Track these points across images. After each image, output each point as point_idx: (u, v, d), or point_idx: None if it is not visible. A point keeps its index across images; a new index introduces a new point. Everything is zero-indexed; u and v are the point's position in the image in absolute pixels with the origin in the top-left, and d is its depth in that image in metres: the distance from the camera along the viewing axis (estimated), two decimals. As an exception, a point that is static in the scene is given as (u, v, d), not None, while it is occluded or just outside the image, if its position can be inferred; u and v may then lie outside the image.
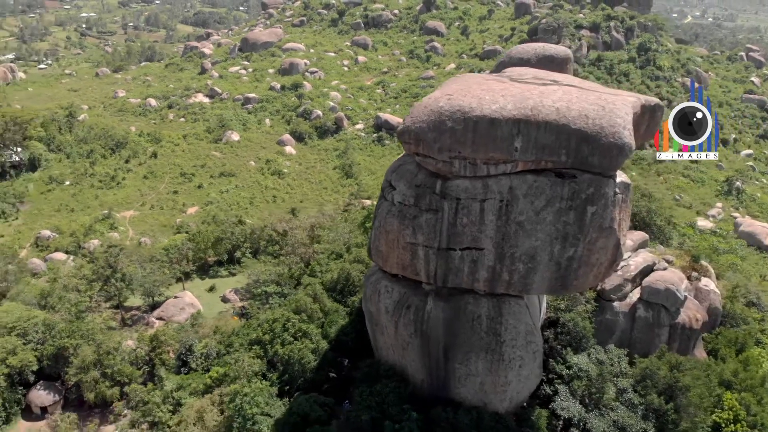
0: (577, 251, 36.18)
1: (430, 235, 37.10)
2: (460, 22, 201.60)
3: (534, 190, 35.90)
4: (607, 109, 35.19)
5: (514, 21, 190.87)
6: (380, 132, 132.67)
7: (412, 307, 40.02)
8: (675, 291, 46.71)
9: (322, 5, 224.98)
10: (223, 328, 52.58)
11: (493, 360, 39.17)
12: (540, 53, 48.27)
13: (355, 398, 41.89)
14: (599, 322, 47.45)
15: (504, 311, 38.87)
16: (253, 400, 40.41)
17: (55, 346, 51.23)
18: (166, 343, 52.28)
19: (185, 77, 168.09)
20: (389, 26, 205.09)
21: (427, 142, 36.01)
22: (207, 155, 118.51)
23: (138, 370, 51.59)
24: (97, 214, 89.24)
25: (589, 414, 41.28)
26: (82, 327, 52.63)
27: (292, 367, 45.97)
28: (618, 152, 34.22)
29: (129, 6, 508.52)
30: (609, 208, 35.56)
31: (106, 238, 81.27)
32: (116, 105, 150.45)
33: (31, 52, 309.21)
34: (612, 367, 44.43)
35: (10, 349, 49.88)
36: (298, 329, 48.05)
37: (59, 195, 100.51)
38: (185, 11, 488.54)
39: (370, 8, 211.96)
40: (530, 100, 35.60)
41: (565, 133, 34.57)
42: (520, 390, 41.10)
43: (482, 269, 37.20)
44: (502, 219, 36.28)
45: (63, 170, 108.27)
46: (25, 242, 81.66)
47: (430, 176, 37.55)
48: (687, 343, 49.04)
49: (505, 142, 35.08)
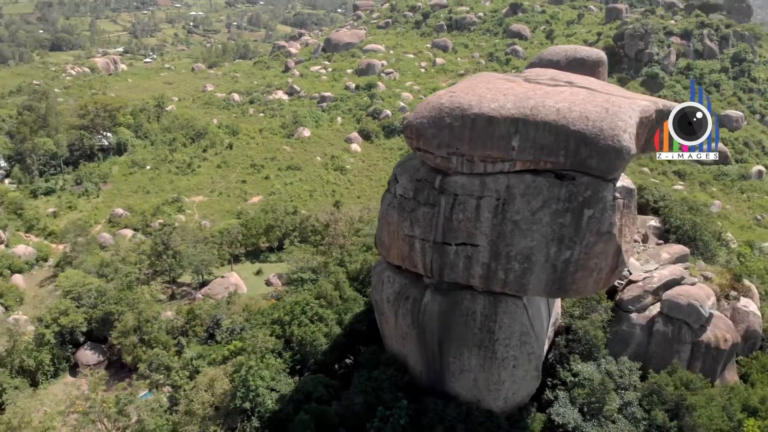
0: (574, 254, 35.71)
1: (427, 228, 37.93)
2: (546, 26, 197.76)
3: (531, 190, 35.88)
4: (610, 111, 34.62)
5: (604, 26, 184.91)
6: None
7: (411, 298, 41.02)
8: (698, 307, 44.59)
9: (408, 7, 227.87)
10: (252, 307, 55.68)
11: (485, 357, 39.39)
12: (570, 55, 47.66)
13: (354, 382, 43.43)
14: (615, 332, 46.16)
15: (499, 310, 38.96)
16: (257, 373, 42.88)
17: (103, 311, 56.37)
18: (200, 317, 56.06)
19: (269, 75, 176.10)
20: (472, 29, 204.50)
21: (427, 137, 36.91)
22: (278, 149, 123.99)
23: (173, 338, 55.68)
24: (167, 197, 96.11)
25: (586, 423, 40.47)
26: (129, 296, 57.43)
27: (305, 348, 48.17)
28: (616, 155, 33.60)
29: (235, 6, 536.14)
30: (607, 212, 34.90)
31: (172, 219, 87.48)
32: (203, 98, 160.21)
33: (140, 47, 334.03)
34: (621, 379, 43.20)
35: (62, 310, 55.50)
36: (315, 313, 50.27)
37: (139, 178, 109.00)
38: (286, 12, 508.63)
39: (455, 11, 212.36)
40: (531, 99, 35.65)
41: (564, 134, 34.35)
42: (515, 391, 40.99)
43: (477, 266, 37.51)
44: (498, 217, 36.47)
45: (146, 155, 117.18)
46: (101, 218, 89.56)
47: (431, 171, 38.41)
48: (713, 364, 46.62)
49: (503, 140, 35.33)
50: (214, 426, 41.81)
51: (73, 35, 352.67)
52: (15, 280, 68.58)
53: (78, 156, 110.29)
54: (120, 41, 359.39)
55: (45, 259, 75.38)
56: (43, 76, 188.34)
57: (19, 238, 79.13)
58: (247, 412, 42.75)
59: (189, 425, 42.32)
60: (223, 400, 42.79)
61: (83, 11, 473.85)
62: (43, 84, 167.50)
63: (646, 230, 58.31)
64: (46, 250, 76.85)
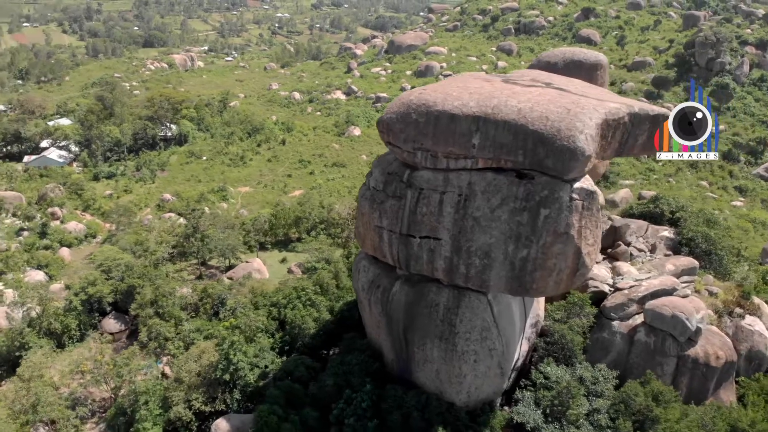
0: (531, 253, 36.05)
1: (394, 220, 39.32)
2: (618, 32, 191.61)
3: (492, 188, 36.57)
4: (571, 112, 34.84)
5: (679, 33, 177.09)
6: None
7: (381, 287, 42.48)
8: (684, 319, 43.29)
9: (478, 11, 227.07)
10: (258, 289, 58.74)
11: (447, 349, 40.22)
12: (568, 58, 47.71)
13: (328, 365, 45.38)
14: (595, 339, 45.61)
15: (462, 304, 39.67)
16: (239, 348, 45.66)
17: (128, 284, 61.12)
18: (211, 296, 59.76)
19: (332, 75, 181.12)
20: (541, 33, 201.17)
21: (395, 132, 38.36)
22: (327, 146, 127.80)
23: (186, 313, 59.62)
24: (214, 186, 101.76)
25: (547, 425, 40.41)
26: (151, 272, 62.01)
27: (293, 330, 50.60)
28: (570, 156, 33.81)
29: (320, 8, 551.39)
30: (563, 212, 35.04)
31: (215, 207, 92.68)
32: (267, 96, 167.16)
33: (224, 46, 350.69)
34: (594, 385, 42.72)
35: (91, 281, 60.73)
36: (309, 299, 52.64)
37: (194, 167, 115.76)
38: (368, 15, 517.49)
39: (524, 14, 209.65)
40: (495, 99, 36.37)
41: (523, 134, 34.88)
42: (479, 386, 41.50)
43: (440, 259, 38.47)
44: (460, 213, 37.33)
45: (204, 147, 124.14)
46: (151, 202, 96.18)
47: (401, 166, 39.79)
48: (704, 382, 45.04)
49: (464, 137, 36.25)
50: (196, 394, 44.93)
51: (165, 33, 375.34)
52: (62, 253, 75.48)
53: (141, 144, 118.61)
54: (207, 40, 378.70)
55: (93, 236, 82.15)
56: (124, 70, 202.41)
57: (74, 216, 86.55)
58: (228, 384, 45.64)
59: (176, 391, 45.70)
60: (208, 371, 45.84)
61: (177, 10, 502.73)
62: (124, 77, 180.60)
63: (656, 240, 56.68)
64: (96, 228, 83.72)
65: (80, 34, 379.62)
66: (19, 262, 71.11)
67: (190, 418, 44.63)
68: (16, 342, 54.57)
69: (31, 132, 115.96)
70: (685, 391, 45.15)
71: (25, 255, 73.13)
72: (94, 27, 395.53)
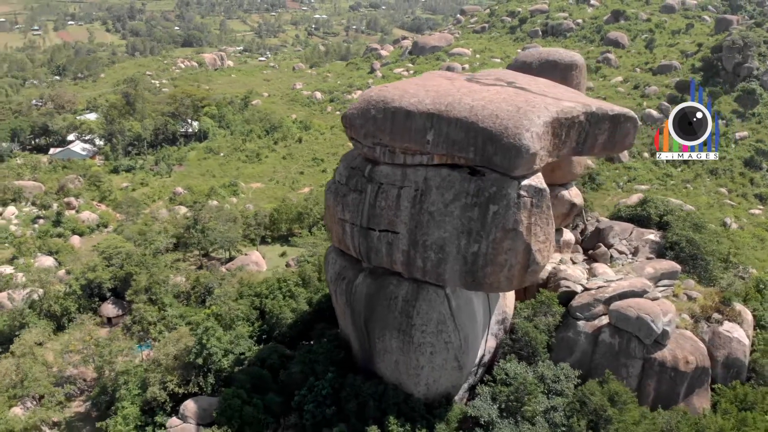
0: (481, 248, 36.74)
1: (355, 213, 40.46)
2: (648, 35, 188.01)
3: (446, 183, 37.45)
4: (521, 110, 35.48)
5: (711, 37, 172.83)
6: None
7: (346, 279, 43.65)
8: (649, 321, 43.15)
9: (507, 13, 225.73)
10: (246, 280, 60.58)
11: (404, 341, 41.07)
12: (543, 58, 48.07)
13: (296, 354, 46.78)
14: (561, 338, 45.77)
15: (420, 297, 40.49)
16: (213, 334, 47.41)
17: (126, 271, 63.73)
18: (202, 285, 61.90)
19: (355, 75, 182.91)
20: (568, 35, 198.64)
21: (356, 127, 39.59)
22: (342, 144, 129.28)
23: (178, 301, 61.87)
24: (225, 181, 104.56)
25: (502, 420, 40.87)
26: (149, 260, 64.52)
27: (272, 320, 52.19)
28: (516, 153, 34.47)
29: (358, 10, 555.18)
30: (511, 209, 35.67)
31: (225, 201, 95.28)
32: (290, 95, 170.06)
33: (260, 46, 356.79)
34: (554, 384, 42.96)
35: (91, 267, 63.56)
36: (288, 290, 54.19)
37: (211, 163, 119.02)
38: (405, 16, 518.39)
39: (552, 16, 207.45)
40: (450, 97, 37.24)
41: (474, 131, 35.70)
42: (436, 379, 42.19)
43: (397, 252, 39.42)
44: (416, 207, 38.24)
45: (223, 143, 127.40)
46: (164, 195, 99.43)
47: (364, 161, 40.94)
48: (673, 386, 44.77)
49: (419, 133, 37.24)
50: (171, 376, 46.88)
51: (204, 33, 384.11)
52: (73, 241, 78.97)
53: (162, 140, 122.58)
54: (244, 40, 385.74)
55: (105, 226, 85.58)
56: (156, 68, 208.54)
57: (89, 206, 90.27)
58: (202, 368, 47.43)
59: (154, 372, 47.77)
60: (183, 355, 47.76)
61: (218, 11, 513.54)
62: (155, 74, 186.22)
63: (640, 243, 56.30)
64: (108, 218, 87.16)
65: (122, 33, 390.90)
66: (31, 248, 74.83)
67: (165, 398, 46.52)
68: (17, 322, 57.67)
69: (59, 125, 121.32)
70: (653, 395, 45.01)
71: (38, 241, 76.89)
72: (136, 26, 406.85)
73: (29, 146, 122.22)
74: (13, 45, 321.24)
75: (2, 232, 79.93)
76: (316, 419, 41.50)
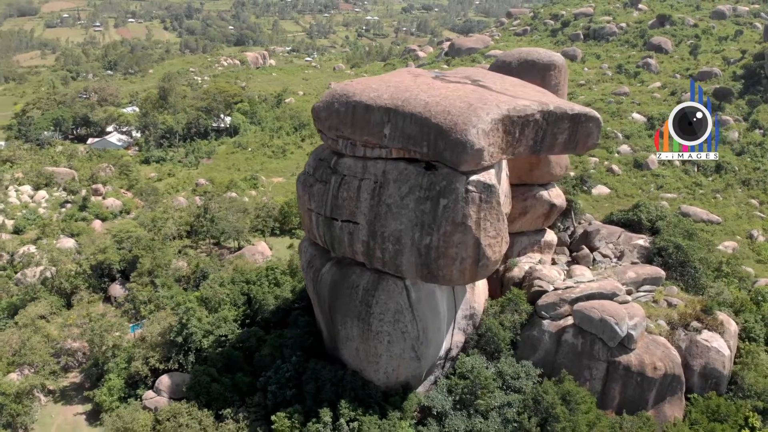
0: (433, 241, 37.76)
1: (320, 203, 42.04)
2: (694, 40, 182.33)
3: (402, 177, 38.66)
4: (472, 107, 36.34)
5: (758, 45, 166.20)
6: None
7: (314, 267, 45.27)
8: (613, 324, 42.97)
9: (550, 16, 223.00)
10: (241, 267, 62.94)
11: (364, 328, 42.31)
12: (522, 58, 48.50)
13: (269, 338, 48.69)
14: (526, 336, 46.07)
15: (380, 287, 41.67)
16: (194, 315, 49.85)
17: (133, 254, 67.19)
18: (201, 270, 64.64)
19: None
20: (610, 39, 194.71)
21: (321, 119, 41.24)
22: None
23: (179, 284, 64.74)
24: (247, 174, 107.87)
25: (455, 412, 41.60)
26: (156, 245, 67.82)
27: (255, 305, 54.31)
28: (462, 149, 35.38)
29: (410, 12, 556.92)
30: (460, 203, 36.56)
31: (244, 194, 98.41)
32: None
33: (308, 46, 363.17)
34: (514, 380, 43.39)
35: (102, 248, 67.28)
36: (274, 278, 56.25)
37: (238, 157, 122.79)
38: (457, 19, 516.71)
39: (595, 20, 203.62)
40: (408, 92, 38.43)
41: (427, 126, 36.80)
42: (395, 368, 43.21)
43: (358, 242, 40.81)
44: (375, 199, 39.56)
45: (251, 139, 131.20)
46: (188, 186, 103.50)
47: (331, 153, 42.50)
48: (640, 392, 44.40)
49: (377, 127, 38.57)
50: (154, 352, 49.60)
51: (256, 33, 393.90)
52: (94, 225, 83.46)
53: (194, 133, 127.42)
54: (294, 41, 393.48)
55: (128, 212, 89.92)
56: (200, 65, 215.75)
57: (116, 193, 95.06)
58: (183, 347, 49.91)
59: (139, 348, 50.66)
60: (166, 333, 50.43)
61: (272, 11, 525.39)
62: (198, 71, 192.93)
63: (626, 248, 55.65)
64: (131, 205, 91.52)
65: (179, 32, 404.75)
66: (55, 230, 79.58)
67: (147, 373, 49.32)
68: (29, 296, 61.81)
69: (98, 117, 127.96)
70: (618, 399, 44.83)
71: (62, 224, 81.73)
72: (192, 25, 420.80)
73: (71, 136, 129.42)
74: (74, 40, 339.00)
75: (31, 214, 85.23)
76: (277, 400, 43.25)
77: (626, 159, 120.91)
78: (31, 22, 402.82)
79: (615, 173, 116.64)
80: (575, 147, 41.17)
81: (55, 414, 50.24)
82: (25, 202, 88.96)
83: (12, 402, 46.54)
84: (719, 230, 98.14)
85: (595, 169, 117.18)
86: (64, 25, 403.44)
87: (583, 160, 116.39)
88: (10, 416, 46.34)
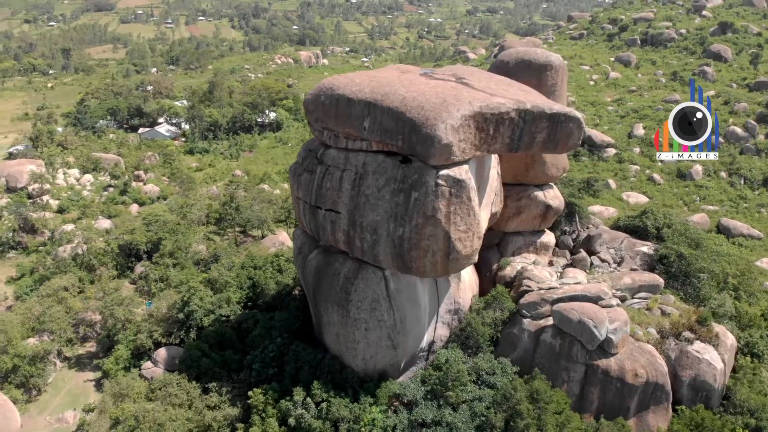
0: (406, 232, 38.90)
1: (306, 192, 43.90)
2: (756, 49, 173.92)
3: (380, 169, 40.01)
4: (445, 103, 37.31)
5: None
6: (581, 147, 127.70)
7: (303, 253, 47.17)
8: (591, 327, 42.73)
9: (609, 20, 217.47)
10: (254, 253, 65.75)
11: (343, 314, 43.83)
12: (519, 58, 48.80)
13: (260, 321, 50.97)
14: (506, 334, 46.36)
15: (360, 275, 43.11)
16: (197, 294, 52.75)
17: (158, 236, 71.24)
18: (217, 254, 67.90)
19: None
20: (668, 45, 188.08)
21: (310, 111, 43.14)
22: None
23: (198, 267, 68.17)
24: (282, 168, 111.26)
25: (426, 402, 42.43)
26: (180, 229, 71.64)
27: (257, 290, 56.83)
28: (430, 143, 36.43)
29: (475, 14, 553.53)
30: (430, 196, 37.56)
31: (276, 186, 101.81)
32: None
33: (368, 47, 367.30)
34: (489, 376, 43.83)
35: (130, 230, 71.66)
36: (278, 264, 58.64)
37: (278, 151, 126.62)
38: (522, 22, 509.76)
39: (654, 26, 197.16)
40: (388, 87, 39.71)
41: (402, 121, 38.02)
42: (373, 355, 44.47)
43: (339, 231, 42.40)
44: (355, 190, 41.06)
45: (292, 134, 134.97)
46: (226, 177, 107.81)
47: (319, 144, 44.27)
48: (619, 398, 43.91)
49: (357, 120, 40.07)
50: (157, 327, 52.84)
51: (319, 33, 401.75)
52: (132, 209, 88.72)
53: (238, 127, 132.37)
54: (355, 41, 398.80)
55: (165, 198, 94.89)
56: (255, 62, 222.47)
57: (156, 180, 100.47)
58: (185, 324, 52.91)
59: (146, 323, 54.07)
60: (170, 309, 53.61)
61: (337, 12, 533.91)
62: (253, 68, 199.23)
63: (628, 254, 54.78)
64: (168, 191, 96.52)
65: (245, 30, 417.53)
66: (95, 211, 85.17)
67: (150, 346, 52.65)
68: (59, 270, 66.70)
69: (151, 108, 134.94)
70: (596, 403, 44.47)
71: (102, 206, 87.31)
72: (258, 24, 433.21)
73: (125, 125, 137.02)
74: (146, 36, 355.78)
75: (75, 195, 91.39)
76: (260, 377, 45.43)
77: (669, 168, 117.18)
78: (106, 17, 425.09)
79: (656, 182, 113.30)
80: (555, 146, 41.20)
81: (68, 379, 54.30)
82: (71, 184, 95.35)
83: (27, 364, 50.70)
84: (759, 246, 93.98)
85: (635, 177, 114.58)
86: (137, 21, 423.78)
87: (624, 168, 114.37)
88: (24, 377, 50.47)
